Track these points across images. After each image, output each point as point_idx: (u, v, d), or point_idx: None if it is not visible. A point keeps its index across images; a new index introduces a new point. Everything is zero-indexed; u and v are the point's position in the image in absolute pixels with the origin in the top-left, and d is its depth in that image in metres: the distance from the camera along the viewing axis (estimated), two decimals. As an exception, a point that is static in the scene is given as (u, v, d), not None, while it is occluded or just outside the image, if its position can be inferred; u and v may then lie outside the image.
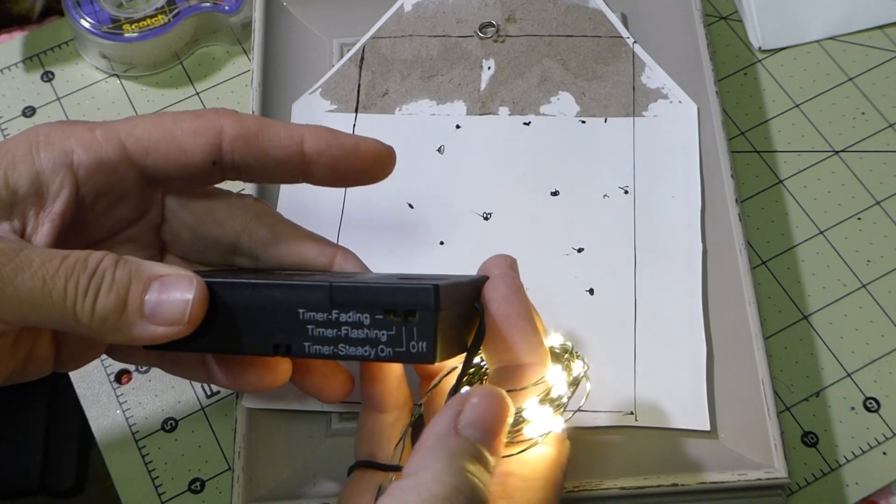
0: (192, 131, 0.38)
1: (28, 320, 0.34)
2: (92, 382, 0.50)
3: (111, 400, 0.49)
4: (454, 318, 0.35)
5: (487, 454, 0.33)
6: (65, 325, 0.34)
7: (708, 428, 0.46)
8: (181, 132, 0.38)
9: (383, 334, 0.34)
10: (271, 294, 0.35)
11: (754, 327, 0.46)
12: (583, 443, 0.46)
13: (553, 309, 0.49)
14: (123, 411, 0.49)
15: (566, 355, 0.39)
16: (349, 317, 0.34)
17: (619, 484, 0.43)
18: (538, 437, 0.37)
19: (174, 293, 0.34)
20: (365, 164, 0.39)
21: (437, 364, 0.34)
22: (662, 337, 0.48)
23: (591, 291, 0.49)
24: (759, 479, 0.43)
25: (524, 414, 0.36)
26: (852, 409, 0.49)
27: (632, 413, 0.46)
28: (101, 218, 0.39)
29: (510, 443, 0.36)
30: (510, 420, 0.34)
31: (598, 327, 0.48)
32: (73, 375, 0.49)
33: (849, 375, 0.50)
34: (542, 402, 0.37)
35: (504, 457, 0.36)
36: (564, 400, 0.38)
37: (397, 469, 0.38)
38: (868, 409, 0.49)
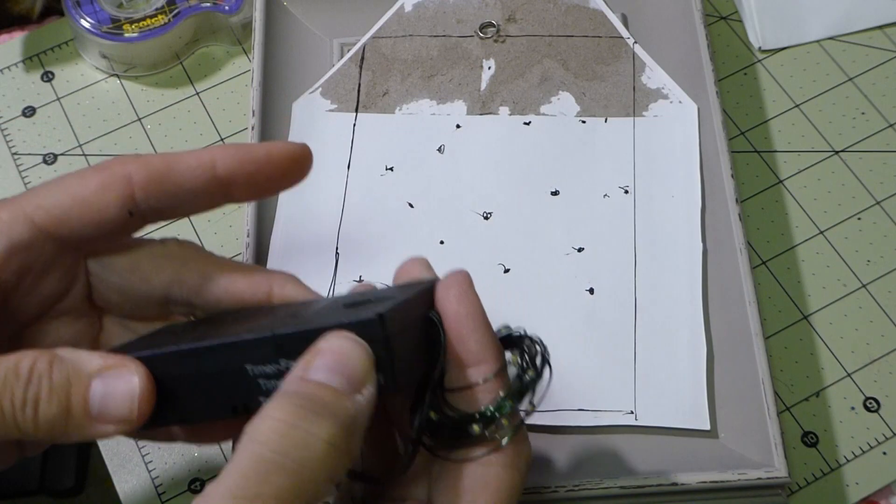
0: (100, 188, 0.36)
1: None
2: (92, 382, 0.50)
3: (111, 400, 0.49)
4: (409, 336, 0.33)
5: (343, 393, 0.30)
6: (10, 437, 0.32)
7: (708, 427, 0.46)
8: (88, 192, 0.36)
9: None
10: (213, 357, 0.32)
11: (754, 327, 0.46)
12: (583, 442, 0.46)
13: (553, 309, 0.49)
14: (123, 411, 0.49)
15: (527, 342, 0.36)
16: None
17: (619, 483, 0.43)
18: (501, 437, 0.34)
19: (117, 387, 0.32)
20: (281, 171, 0.38)
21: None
22: (662, 337, 0.48)
23: (591, 291, 0.49)
24: (760, 479, 0.43)
25: (488, 416, 0.34)
26: (852, 409, 0.49)
27: (632, 413, 0.46)
28: (28, 297, 0.37)
29: (470, 446, 0.34)
30: (367, 360, 0.31)
31: (598, 327, 0.48)
32: (73, 375, 0.49)
33: (849, 375, 0.50)
34: (506, 399, 0.34)
35: (461, 461, 0.34)
36: (525, 393, 0.35)
37: (370, 480, 0.36)
38: (868, 409, 0.49)
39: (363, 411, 0.30)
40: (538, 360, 0.36)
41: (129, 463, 0.48)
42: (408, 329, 0.33)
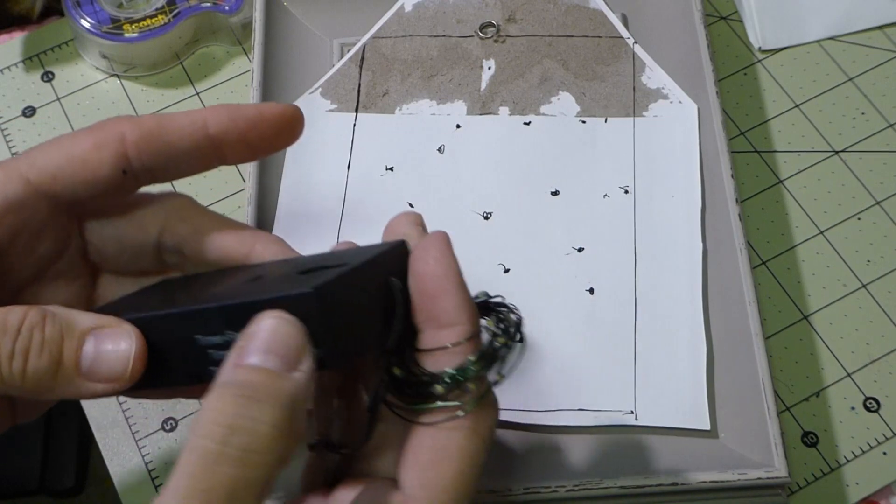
0: (94, 146, 0.36)
1: None
2: (92, 382, 0.50)
3: (111, 400, 0.49)
4: (361, 304, 0.32)
5: (279, 374, 0.30)
6: None
7: (708, 427, 0.46)
8: (83, 151, 0.36)
9: None
10: (166, 326, 0.33)
11: (754, 327, 0.46)
12: (583, 442, 0.46)
13: (553, 309, 0.49)
14: (123, 411, 0.49)
15: (502, 309, 0.36)
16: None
17: (619, 483, 0.43)
18: (466, 403, 0.33)
19: (111, 346, 0.33)
20: (273, 130, 0.38)
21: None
22: (662, 337, 0.48)
23: (591, 291, 0.49)
24: (760, 479, 0.43)
25: (450, 378, 0.33)
26: (852, 409, 0.49)
27: (632, 412, 0.46)
28: (23, 259, 0.37)
29: (433, 411, 0.33)
30: (300, 337, 0.31)
31: (598, 327, 0.48)
32: (73, 375, 0.49)
33: (849, 375, 0.50)
34: (474, 363, 0.33)
35: (427, 424, 0.33)
36: (498, 356, 0.34)
37: (336, 449, 0.36)
38: (868, 409, 0.49)
39: (302, 388, 0.30)
40: (512, 329, 0.35)
41: (129, 463, 0.48)
42: (360, 296, 0.32)
